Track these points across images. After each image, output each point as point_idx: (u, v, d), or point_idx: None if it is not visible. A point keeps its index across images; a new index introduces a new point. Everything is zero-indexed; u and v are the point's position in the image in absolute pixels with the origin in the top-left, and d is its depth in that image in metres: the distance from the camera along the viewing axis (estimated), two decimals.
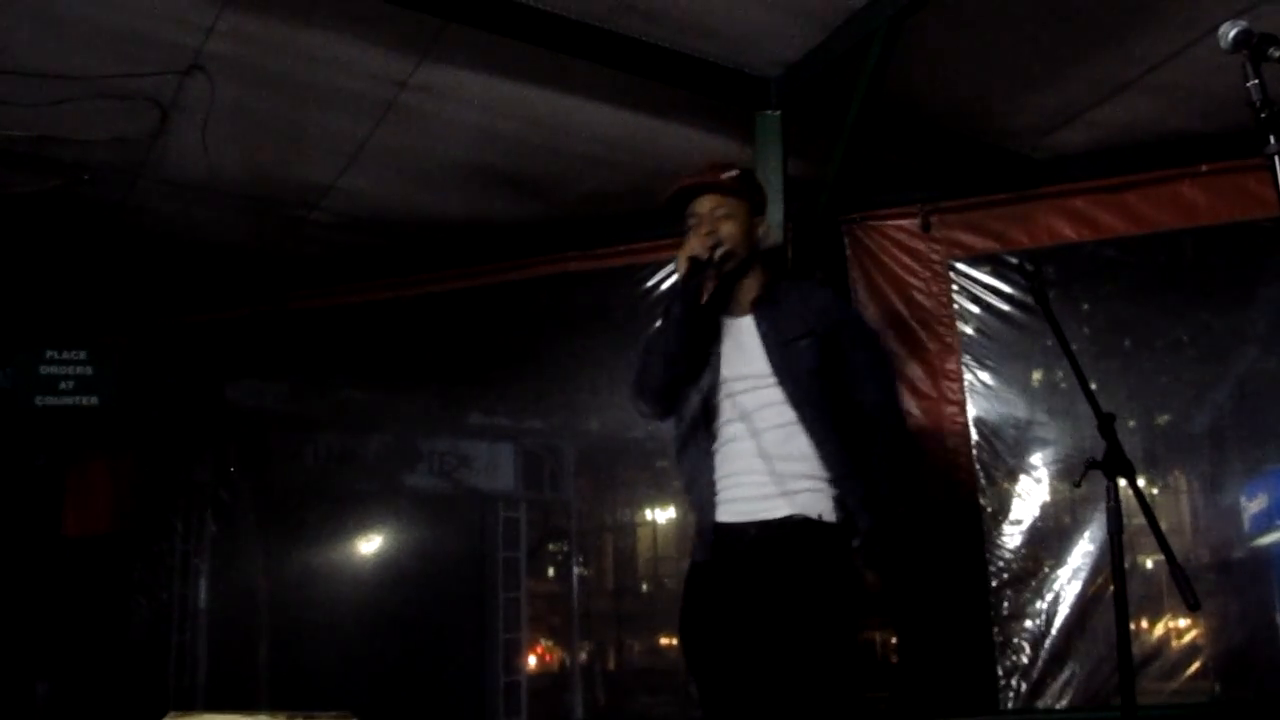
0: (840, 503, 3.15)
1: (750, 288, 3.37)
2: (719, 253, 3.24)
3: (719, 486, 3.26)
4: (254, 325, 6.28)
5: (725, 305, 3.38)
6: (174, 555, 7.00)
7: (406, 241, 5.79)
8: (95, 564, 6.36)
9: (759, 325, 3.31)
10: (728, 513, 3.22)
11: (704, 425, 3.31)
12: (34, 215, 5.31)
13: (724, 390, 3.29)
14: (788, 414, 3.20)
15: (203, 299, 6.27)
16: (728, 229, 3.29)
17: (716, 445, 3.29)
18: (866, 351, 3.40)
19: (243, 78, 4.36)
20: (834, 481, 3.16)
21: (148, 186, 5.19)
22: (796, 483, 3.16)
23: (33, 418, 5.96)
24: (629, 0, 3.93)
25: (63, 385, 5.95)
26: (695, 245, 3.23)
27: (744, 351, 3.30)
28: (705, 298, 3.33)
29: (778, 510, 3.15)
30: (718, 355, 3.32)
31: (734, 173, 3.38)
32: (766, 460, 3.19)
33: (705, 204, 3.33)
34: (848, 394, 3.29)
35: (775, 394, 3.22)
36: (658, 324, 3.42)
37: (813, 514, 3.12)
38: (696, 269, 3.22)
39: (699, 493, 3.30)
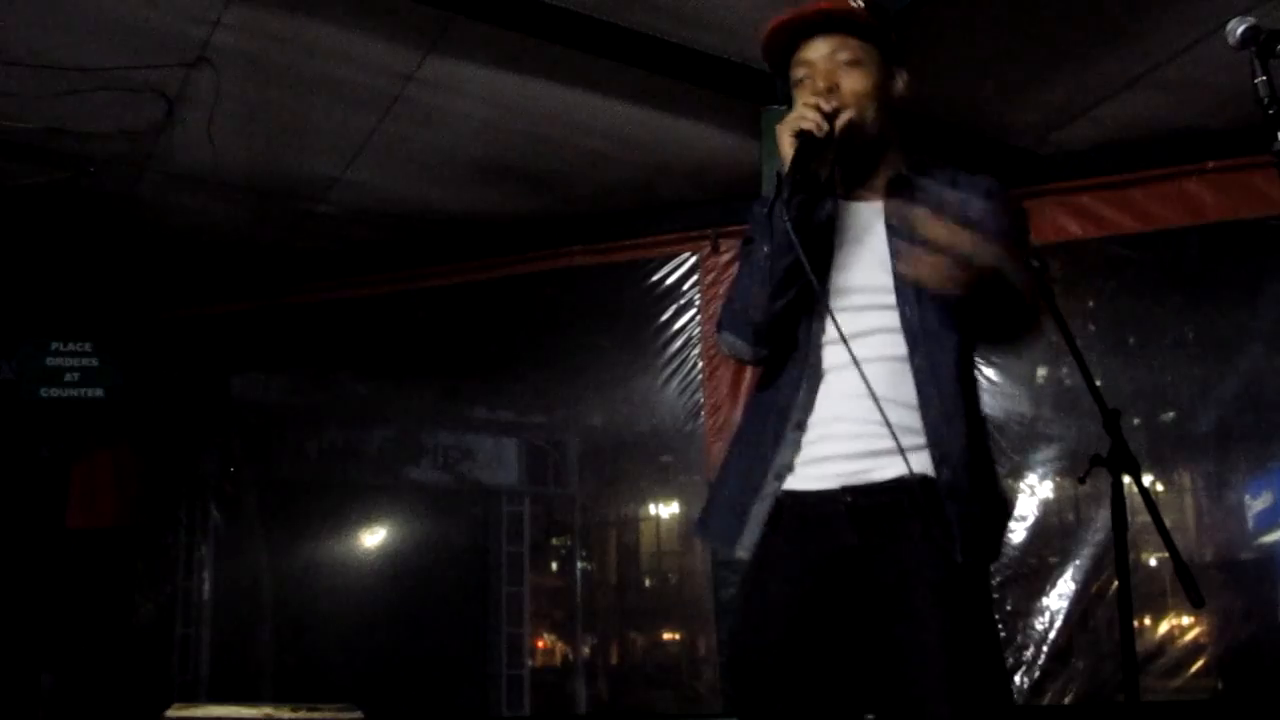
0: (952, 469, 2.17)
1: (884, 167, 2.35)
2: (841, 122, 2.19)
3: (806, 436, 2.24)
4: (259, 318, 6.29)
5: (846, 189, 2.35)
6: (178, 547, 7.02)
7: (412, 235, 5.79)
8: (99, 556, 6.37)
9: (888, 218, 2.29)
10: (812, 477, 2.22)
11: (803, 353, 2.28)
12: (40, 207, 5.32)
13: (832, 301, 2.24)
14: (899, 344, 2.22)
15: (208, 292, 6.28)
16: (854, 83, 2.25)
17: (809, 377, 2.26)
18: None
19: (249, 71, 4.36)
20: (939, 443, 2.17)
21: (153, 179, 5.19)
22: (908, 437, 2.16)
23: (37, 409, 5.98)
24: None
25: (68, 377, 5.96)
26: (806, 113, 2.16)
27: (863, 250, 2.29)
28: (821, 187, 2.28)
29: (885, 469, 2.16)
30: (829, 259, 2.29)
31: (861, 1, 2.32)
32: (868, 401, 2.16)
33: (820, 49, 2.29)
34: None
35: (892, 317, 2.23)
36: (749, 230, 2.37)
37: (935, 476, 2.15)
38: (808, 150, 2.15)
39: (790, 437, 2.25)
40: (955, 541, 2.11)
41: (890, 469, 2.15)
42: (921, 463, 2.15)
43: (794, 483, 2.23)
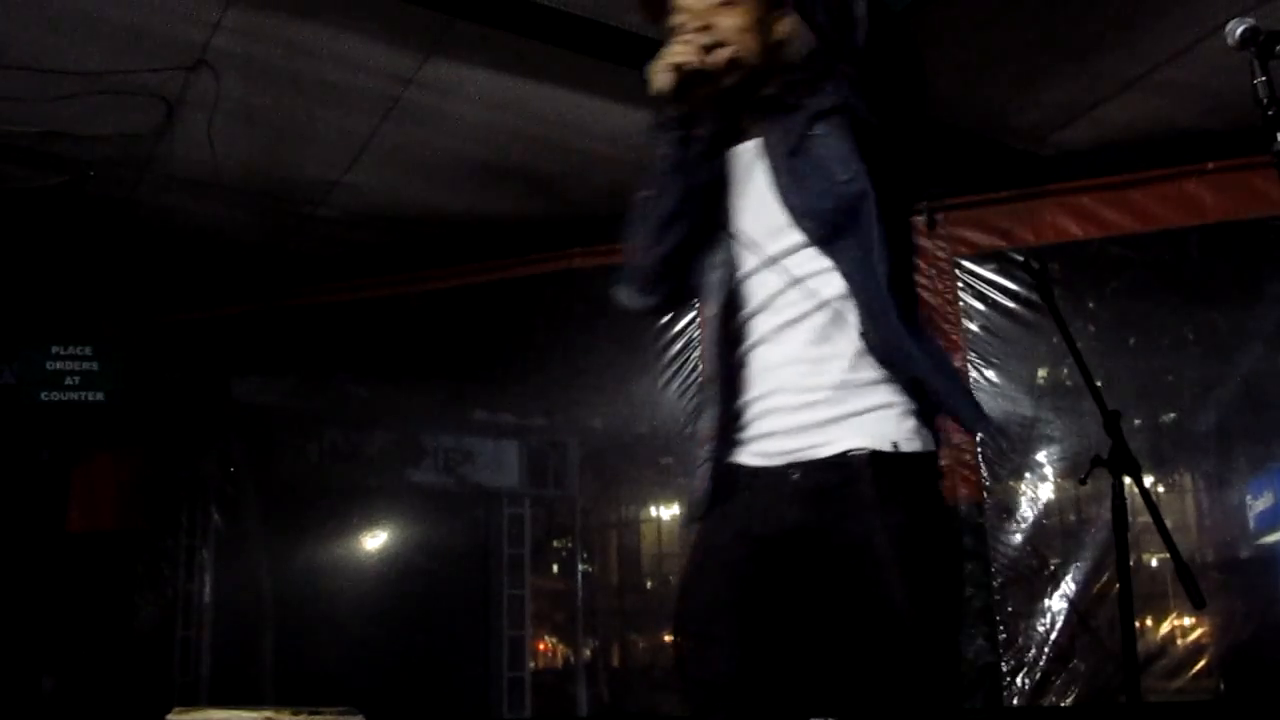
0: (923, 417, 2.00)
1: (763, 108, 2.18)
2: (720, 56, 2.08)
3: (745, 415, 2.09)
4: (259, 321, 6.29)
5: (732, 134, 2.20)
6: (179, 550, 7.02)
7: (412, 237, 5.79)
8: (100, 559, 6.37)
9: (770, 145, 2.12)
10: (753, 453, 2.06)
11: (721, 319, 2.13)
12: (40, 211, 5.32)
13: (741, 262, 2.11)
14: (826, 286, 2.01)
15: (208, 295, 6.28)
16: (730, 22, 2.12)
17: (741, 352, 2.11)
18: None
19: (248, 74, 4.36)
20: (908, 384, 1.98)
21: (153, 182, 5.19)
22: (853, 397, 1.98)
23: (38, 413, 5.98)
24: None
25: (68, 381, 5.96)
26: (681, 48, 2.08)
27: (754, 195, 2.13)
28: (703, 128, 2.16)
29: (828, 442, 1.97)
30: (726, 211, 2.15)
31: None
32: (802, 367, 2.01)
33: None
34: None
35: (802, 258, 2.04)
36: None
37: (884, 444, 1.95)
38: (684, 85, 2.06)
39: (710, 411, 2.12)
40: (922, 521, 1.96)
41: (834, 442, 1.98)
42: (882, 424, 1.98)
43: (741, 457, 2.08)
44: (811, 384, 2.01)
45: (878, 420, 1.98)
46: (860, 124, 2.06)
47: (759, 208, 2.11)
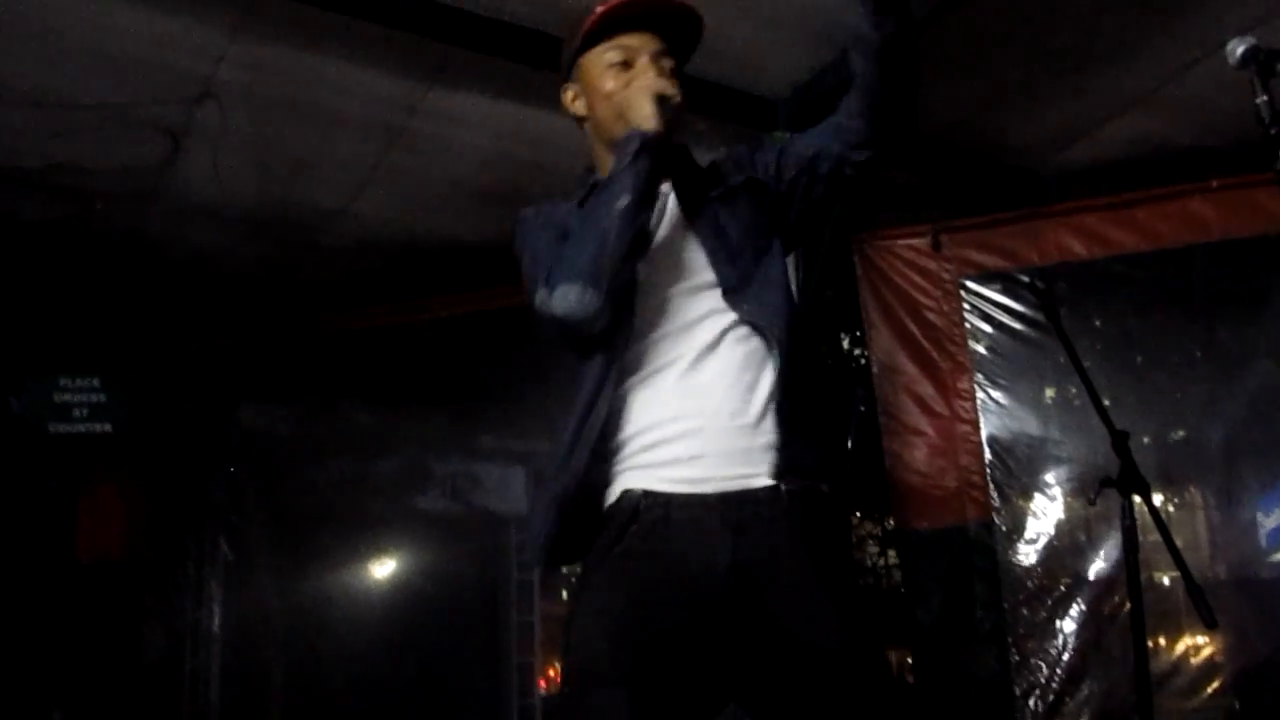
0: (823, 461, 2.11)
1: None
2: (674, 103, 2.25)
3: (646, 439, 2.09)
4: (266, 350, 6.30)
5: None
6: (187, 580, 7.01)
7: (417, 265, 5.80)
8: (108, 589, 6.37)
9: (678, 192, 2.32)
10: (668, 477, 2.05)
11: (613, 355, 2.17)
12: (47, 243, 5.34)
13: (642, 301, 2.17)
14: (742, 329, 2.14)
15: (215, 324, 6.29)
16: (670, 65, 2.38)
17: (638, 379, 2.14)
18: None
19: (254, 105, 4.38)
20: (804, 430, 2.08)
21: (160, 213, 5.21)
22: (778, 432, 2.05)
23: (46, 444, 5.99)
24: None
25: (76, 412, 5.98)
26: (662, 82, 2.26)
27: (667, 241, 2.25)
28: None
29: (757, 476, 2.03)
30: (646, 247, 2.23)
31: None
32: (731, 392, 2.08)
33: (649, 42, 2.37)
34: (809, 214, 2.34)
35: (711, 297, 2.17)
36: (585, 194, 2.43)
37: (796, 480, 2.04)
38: (668, 113, 2.22)
39: (581, 451, 2.11)
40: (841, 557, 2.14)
41: (752, 476, 2.03)
42: (767, 466, 2.03)
43: (651, 484, 2.06)
44: (742, 408, 2.07)
45: (792, 455, 2.05)
46: (770, 197, 2.32)
47: (676, 252, 2.23)
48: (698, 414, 2.07)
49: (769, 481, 2.03)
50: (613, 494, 2.10)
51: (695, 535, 2.01)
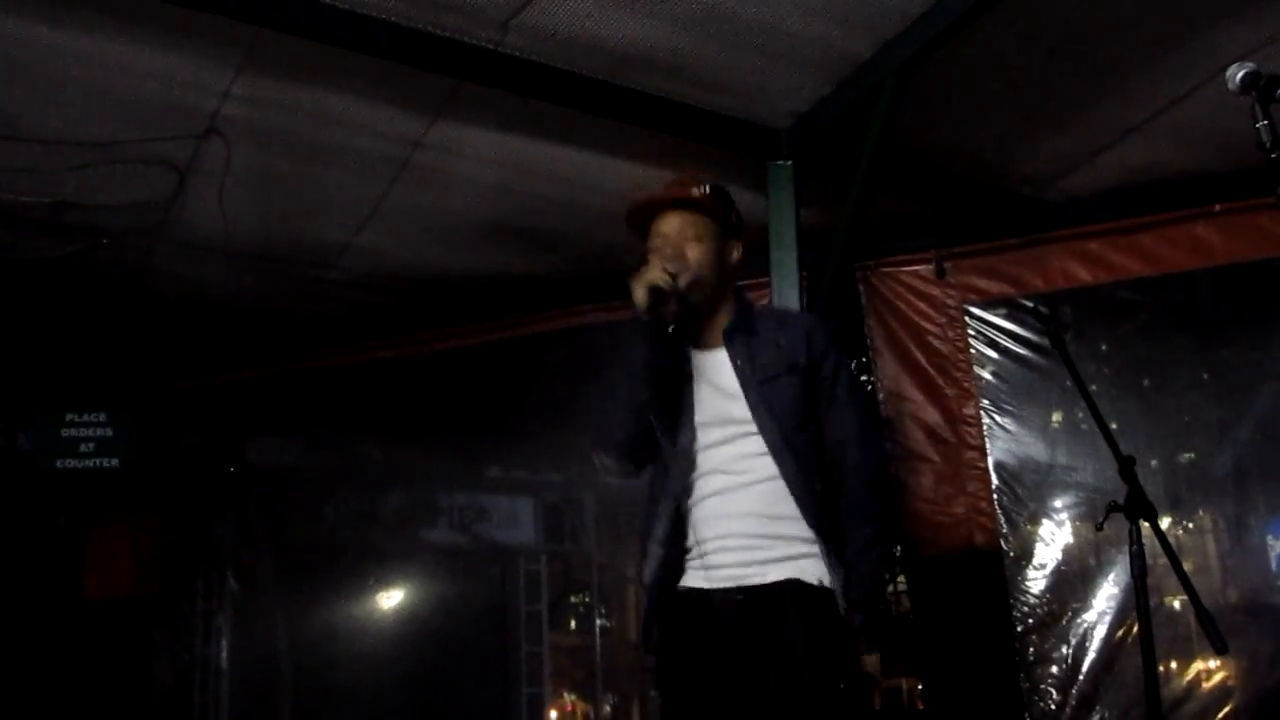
0: (832, 567, 2.79)
1: (722, 319, 2.96)
2: (684, 281, 2.80)
3: (696, 550, 2.85)
4: (272, 385, 6.31)
5: (694, 339, 2.96)
6: (195, 615, 7.01)
7: (423, 298, 5.81)
8: (117, 626, 6.37)
9: (733, 360, 2.90)
10: (705, 578, 2.82)
11: (677, 479, 2.88)
12: (53, 279, 5.35)
13: (701, 439, 2.87)
14: (772, 466, 2.81)
15: (221, 360, 6.30)
16: (695, 253, 2.90)
17: (692, 502, 2.86)
18: (849, 393, 2.98)
19: (258, 140, 4.40)
20: (821, 544, 2.80)
21: (165, 249, 5.23)
22: (788, 546, 2.79)
23: (54, 480, 5.99)
24: (639, 56, 3.96)
25: (83, 448, 5.98)
26: (655, 272, 2.78)
27: (719, 393, 2.89)
28: (670, 331, 2.86)
29: (768, 574, 2.78)
30: (690, 398, 2.89)
31: (704, 188, 2.99)
32: (752, 519, 2.81)
33: (671, 223, 2.95)
34: (825, 436, 2.92)
35: (756, 443, 2.83)
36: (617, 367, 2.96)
37: (810, 579, 2.77)
38: (658, 300, 2.75)
39: (666, 554, 2.88)
40: (836, 633, 2.74)
41: (771, 574, 2.76)
42: (808, 566, 2.77)
43: (694, 582, 2.84)
44: (760, 532, 2.79)
45: (806, 564, 2.78)
46: (811, 379, 2.89)
47: (726, 404, 2.86)
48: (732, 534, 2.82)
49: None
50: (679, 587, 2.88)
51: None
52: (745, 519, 2.80)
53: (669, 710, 2.87)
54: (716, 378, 2.90)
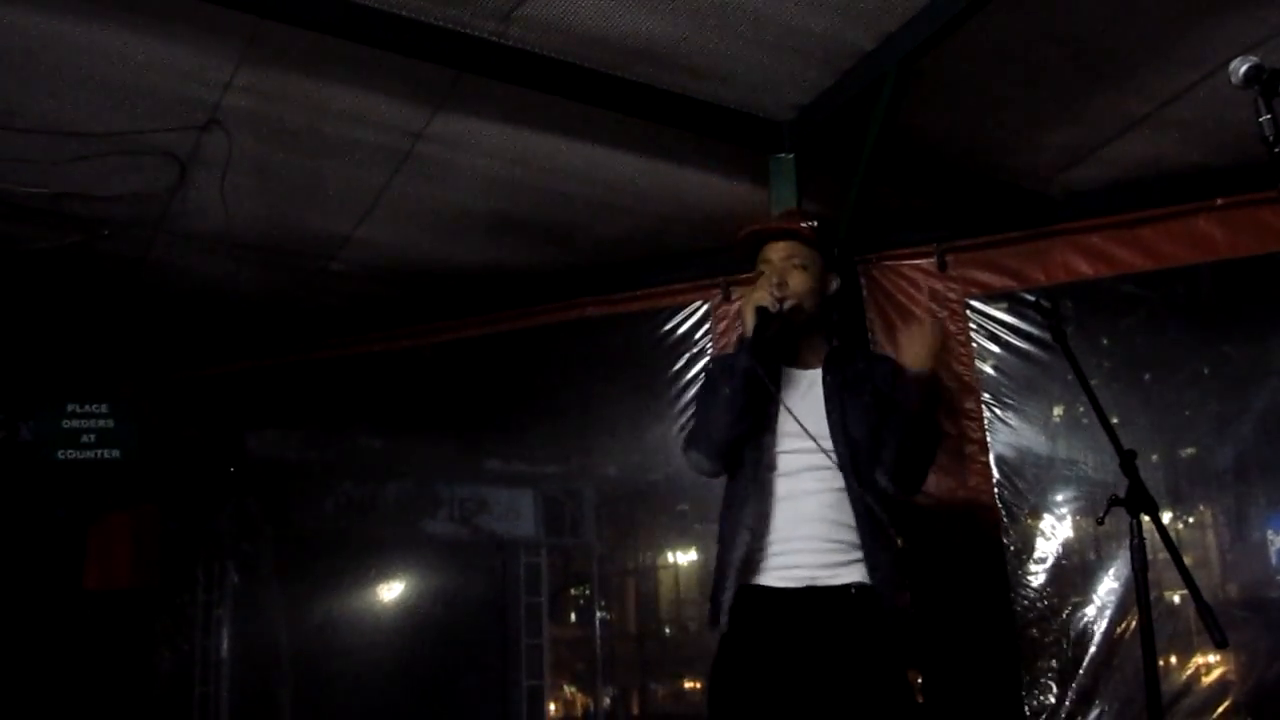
0: (882, 577, 3.12)
1: (817, 342, 3.34)
2: (788, 305, 3.16)
3: (773, 550, 3.16)
4: (273, 376, 6.31)
5: (790, 358, 3.32)
6: (196, 607, 7.01)
7: (424, 290, 5.81)
8: (118, 617, 6.37)
9: (826, 378, 3.27)
10: (778, 577, 3.14)
11: (759, 480, 3.20)
12: (54, 270, 5.36)
13: (782, 445, 3.20)
14: (838, 479, 3.14)
15: (222, 351, 6.30)
16: (799, 280, 3.23)
17: (773, 503, 3.18)
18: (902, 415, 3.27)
19: (260, 131, 4.39)
20: (870, 557, 3.12)
21: (167, 240, 5.23)
22: (852, 551, 3.11)
23: (54, 471, 5.99)
24: (641, 48, 3.96)
25: (84, 439, 5.98)
26: (763, 295, 3.14)
27: (808, 407, 3.20)
28: (771, 347, 3.23)
29: (838, 577, 3.10)
30: (777, 407, 3.20)
31: (813, 222, 3.33)
32: (824, 524, 3.12)
33: (779, 251, 3.29)
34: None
35: (826, 458, 3.14)
36: (711, 372, 3.38)
37: (871, 582, 3.10)
38: (765, 320, 3.11)
39: (743, 550, 3.17)
40: (895, 633, 3.05)
41: (840, 577, 3.06)
42: (865, 572, 3.08)
43: (768, 580, 3.12)
44: (829, 536, 3.09)
45: (862, 569, 3.08)
46: (886, 400, 3.22)
47: (809, 416, 3.14)
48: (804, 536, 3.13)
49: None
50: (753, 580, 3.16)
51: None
52: (816, 524, 3.11)
53: (730, 702, 3.10)
54: (808, 390, 3.25)
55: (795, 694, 2.99)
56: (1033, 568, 4.82)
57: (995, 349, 4.92)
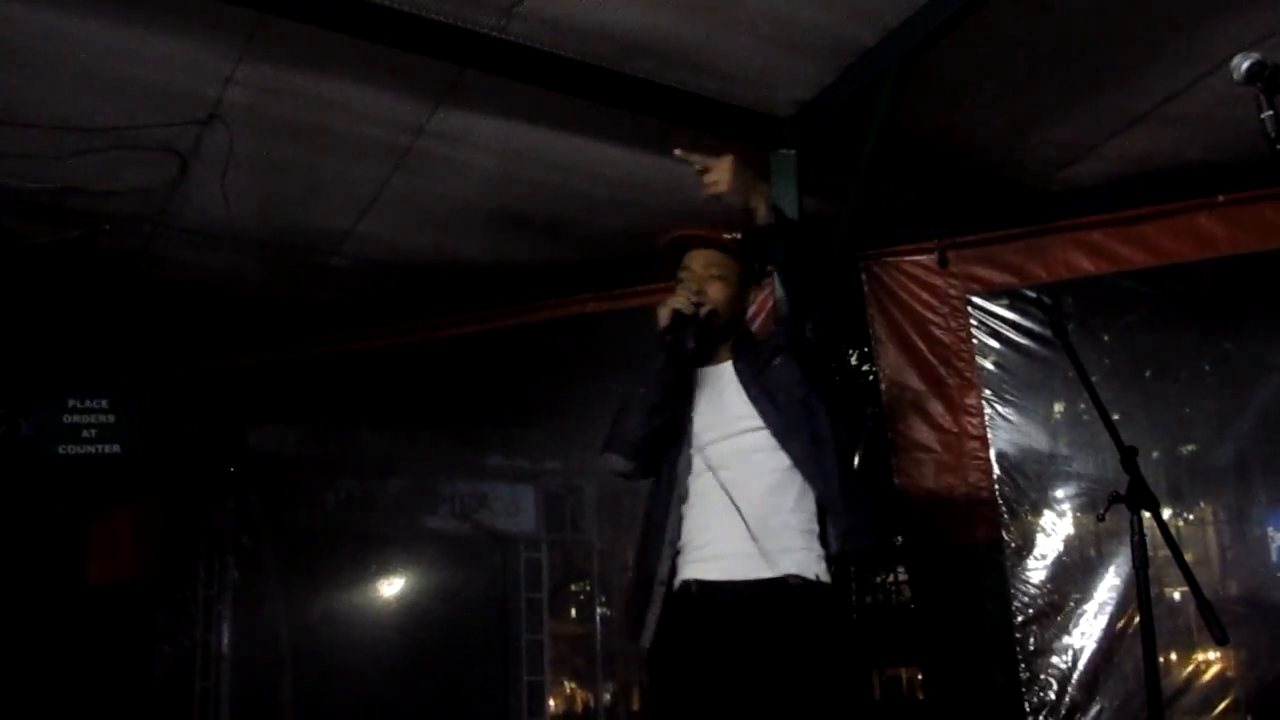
0: (831, 561, 3.02)
1: (729, 344, 3.33)
2: (704, 311, 3.18)
3: (694, 544, 3.11)
4: (274, 371, 6.31)
5: (704, 359, 3.33)
6: (197, 601, 7.03)
7: (424, 286, 5.81)
8: (119, 611, 6.37)
9: (736, 365, 3.25)
10: (704, 570, 3.07)
11: (677, 482, 3.18)
12: (56, 265, 5.35)
13: (698, 442, 3.17)
14: (771, 460, 3.08)
15: (223, 346, 6.30)
16: (716, 290, 3.25)
17: (696, 499, 3.15)
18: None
19: (261, 127, 4.39)
20: (818, 539, 3.04)
21: (167, 235, 5.22)
22: (791, 539, 3.03)
23: (55, 466, 5.99)
24: (643, 43, 3.95)
25: (85, 434, 5.98)
26: (680, 299, 3.17)
27: (721, 398, 3.21)
28: (685, 349, 3.27)
29: (766, 569, 2.99)
30: (691, 408, 3.23)
31: (736, 235, 3.31)
32: (757, 512, 3.03)
33: (699, 259, 3.31)
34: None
35: (757, 439, 3.11)
36: (629, 381, 3.33)
37: (808, 574, 2.99)
38: (678, 322, 3.15)
39: (668, 564, 3.12)
40: (829, 629, 2.96)
41: (768, 570, 2.96)
42: (806, 561, 2.98)
43: (699, 574, 3.06)
44: (759, 527, 2.99)
45: (804, 556, 2.99)
46: (804, 356, 3.19)
47: (729, 403, 3.17)
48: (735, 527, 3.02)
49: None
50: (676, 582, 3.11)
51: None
52: (746, 512, 3.01)
53: (662, 703, 3.10)
54: (718, 383, 3.25)
55: (727, 697, 2.92)
56: (1033, 564, 4.82)
57: (996, 345, 4.92)
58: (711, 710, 2.93)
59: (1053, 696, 4.68)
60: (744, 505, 3.02)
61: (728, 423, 3.16)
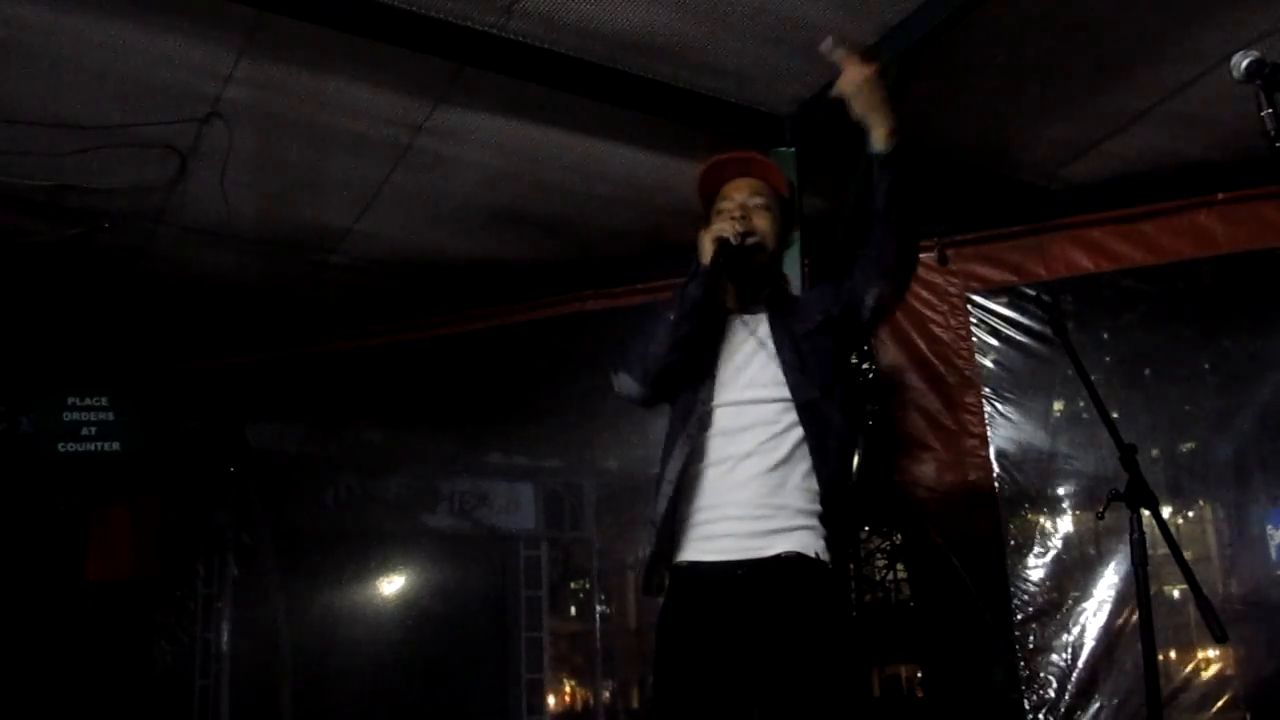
0: (832, 542, 2.82)
1: (765, 290, 3.06)
2: (750, 241, 2.91)
3: (700, 517, 2.88)
4: (274, 369, 6.31)
5: (738, 303, 3.05)
6: (196, 599, 7.04)
7: (424, 283, 5.81)
8: (118, 609, 6.38)
9: (772, 321, 2.99)
10: (708, 550, 2.85)
11: (691, 436, 2.90)
12: (55, 263, 5.35)
13: (716, 399, 2.91)
14: (786, 436, 2.84)
15: (223, 343, 6.30)
16: (763, 220, 2.99)
17: (703, 465, 2.89)
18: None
19: (260, 124, 4.39)
20: (826, 517, 2.82)
21: (167, 233, 5.22)
22: (791, 518, 2.80)
23: (55, 464, 6.00)
24: (642, 41, 3.95)
25: (85, 431, 5.99)
26: (725, 226, 2.90)
27: (749, 356, 2.96)
28: (724, 282, 2.98)
29: (769, 548, 2.78)
30: (718, 355, 2.97)
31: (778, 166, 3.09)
32: (760, 489, 2.81)
33: (742, 189, 3.04)
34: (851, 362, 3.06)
35: (775, 410, 2.86)
36: (660, 302, 3.02)
37: (809, 552, 2.78)
38: (725, 251, 2.86)
39: (674, 520, 2.89)
40: (830, 606, 2.78)
41: (771, 547, 2.77)
42: (808, 539, 2.79)
43: (700, 555, 2.85)
44: (762, 503, 2.80)
45: (805, 536, 2.79)
46: (840, 336, 2.98)
47: (755, 364, 2.93)
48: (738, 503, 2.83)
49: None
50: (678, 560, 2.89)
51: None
52: (749, 488, 2.82)
53: (666, 683, 2.86)
54: (750, 337, 2.97)
55: (728, 679, 2.74)
56: (1033, 562, 4.82)
57: (996, 343, 4.92)
58: (714, 691, 2.75)
59: (1052, 694, 4.68)
60: (749, 481, 2.81)
61: (750, 387, 2.91)
